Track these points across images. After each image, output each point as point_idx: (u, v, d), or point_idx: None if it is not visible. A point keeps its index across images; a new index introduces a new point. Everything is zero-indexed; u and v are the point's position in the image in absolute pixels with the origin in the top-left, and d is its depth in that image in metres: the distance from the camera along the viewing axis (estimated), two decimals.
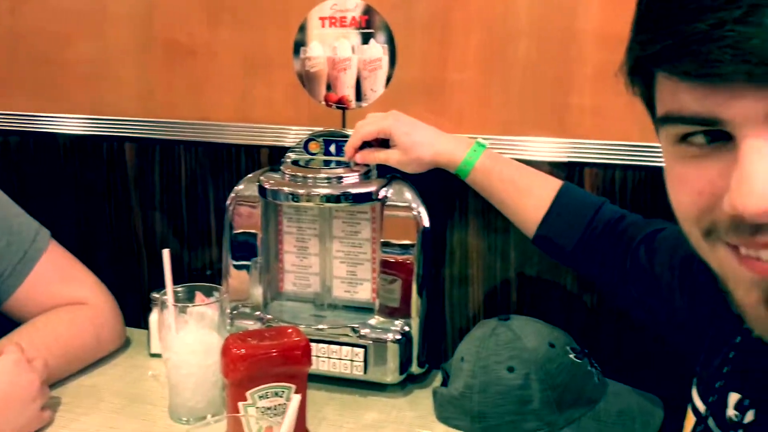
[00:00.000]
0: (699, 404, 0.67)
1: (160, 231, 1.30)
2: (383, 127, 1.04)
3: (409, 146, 1.02)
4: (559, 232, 0.97)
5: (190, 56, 1.23)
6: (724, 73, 0.43)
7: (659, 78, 0.50)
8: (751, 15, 0.42)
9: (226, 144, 1.23)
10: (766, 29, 0.42)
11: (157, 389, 1.10)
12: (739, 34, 0.42)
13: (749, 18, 0.42)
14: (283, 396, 0.85)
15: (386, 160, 1.05)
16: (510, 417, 0.97)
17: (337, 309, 1.14)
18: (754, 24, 0.42)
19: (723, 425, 0.61)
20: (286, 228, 1.15)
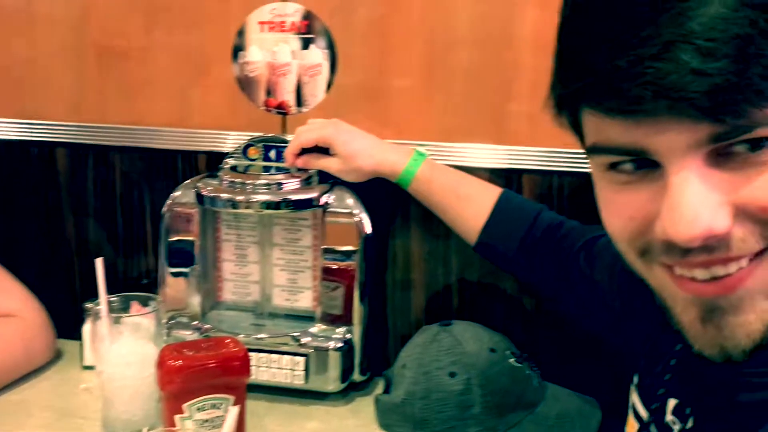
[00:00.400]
0: (641, 410, 0.68)
1: (94, 239, 1.26)
2: (323, 135, 1.03)
3: (349, 156, 1.02)
4: (499, 239, 0.98)
5: (125, 59, 1.20)
6: (646, 109, 0.45)
7: (584, 112, 0.51)
8: (667, 52, 0.43)
9: (163, 150, 1.20)
10: (683, 65, 0.43)
11: (90, 402, 1.06)
12: (657, 70, 0.44)
13: (664, 55, 0.43)
14: (221, 408, 0.83)
15: (326, 168, 1.04)
16: (452, 423, 0.97)
17: (278, 318, 1.12)
18: (670, 60, 0.43)
19: (660, 429, 0.63)
20: (225, 235, 1.13)
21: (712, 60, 0.43)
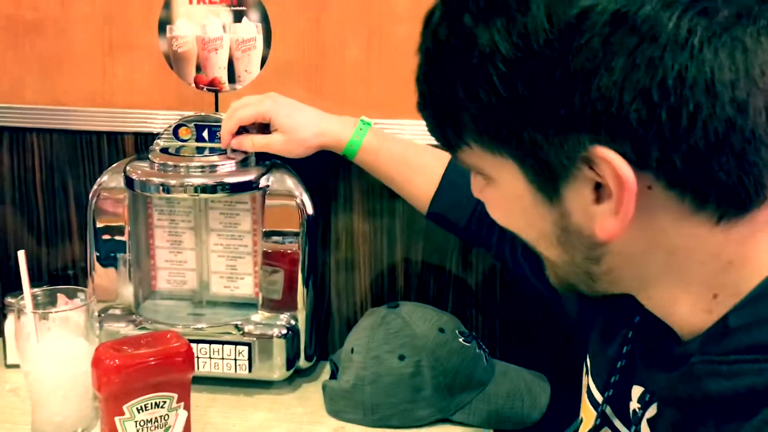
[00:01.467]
0: (596, 394, 0.68)
1: (13, 229, 1.18)
2: (261, 110, 0.98)
3: (291, 129, 0.97)
4: (450, 207, 0.96)
5: (37, 33, 1.11)
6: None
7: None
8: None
9: (86, 131, 1.13)
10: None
11: (17, 405, 0.99)
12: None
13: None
14: (165, 406, 0.79)
15: (267, 146, 0.99)
16: (403, 406, 0.96)
17: (217, 306, 1.08)
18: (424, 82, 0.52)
19: (622, 416, 0.62)
20: (157, 221, 1.07)
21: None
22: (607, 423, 0.64)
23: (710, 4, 0.43)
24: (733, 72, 0.44)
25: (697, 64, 0.44)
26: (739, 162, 0.46)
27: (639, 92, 0.44)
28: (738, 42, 0.44)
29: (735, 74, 0.44)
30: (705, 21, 0.43)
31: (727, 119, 0.45)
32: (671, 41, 0.43)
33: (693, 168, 0.46)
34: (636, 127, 0.45)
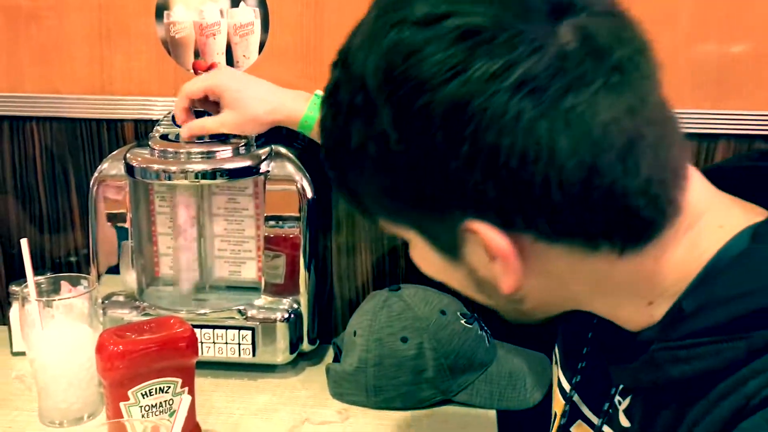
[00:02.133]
0: (565, 384, 0.69)
1: (15, 217, 1.18)
2: (210, 84, 0.95)
3: (241, 104, 0.94)
4: None
5: (34, 21, 1.11)
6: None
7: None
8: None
9: (86, 119, 1.13)
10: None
11: (23, 392, 1.00)
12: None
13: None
14: (169, 391, 0.79)
15: (220, 127, 0.96)
16: (406, 388, 0.96)
17: (220, 291, 1.08)
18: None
19: (591, 405, 0.63)
20: (159, 208, 1.07)
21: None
22: (577, 413, 0.65)
23: (537, 84, 0.44)
24: (572, 139, 0.45)
25: (533, 142, 0.45)
26: (610, 210, 0.48)
27: (488, 173, 0.46)
28: (571, 111, 0.44)
29: (574, 141, 0.45)
30: (533, 101, 0.44)
31: (581, 181, 0.46)
32: (504, 125, 0.45)
33: (564, 225, 0.48)
34: (495, 200, 0.47)
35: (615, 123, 0.45)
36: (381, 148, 0.48)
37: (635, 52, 0.47)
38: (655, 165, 0.47)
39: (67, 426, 0.92)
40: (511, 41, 0.44)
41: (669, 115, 0.50)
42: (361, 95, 0.48)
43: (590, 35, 0.45)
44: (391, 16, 0.47)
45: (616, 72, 0.45)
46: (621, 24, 0.48)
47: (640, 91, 0.46)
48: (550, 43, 0.44)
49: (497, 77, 0.44)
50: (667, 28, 1.03)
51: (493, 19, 0.44)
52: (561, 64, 0.44)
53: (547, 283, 0.54)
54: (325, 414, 0.96)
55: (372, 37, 0.48)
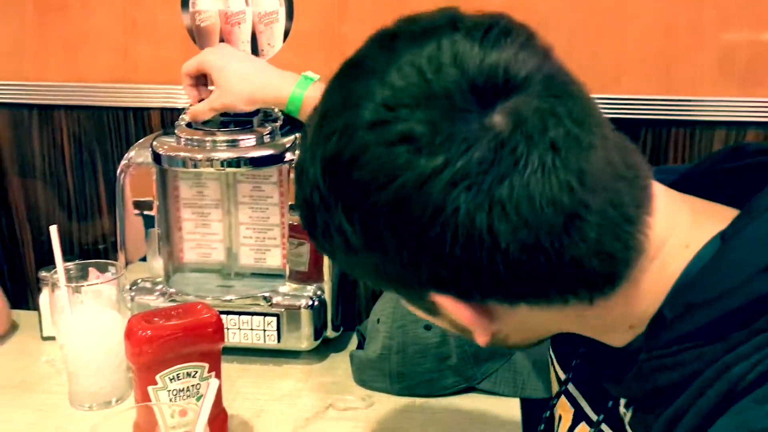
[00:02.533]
0: (559, 372, 0.71)
1: (44, 205, 1.20)
2: (199, 62, 0.97)
3: (225, 83, 0.95)
4: None
5: (61, 11, 1.12)
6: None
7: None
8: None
9: (112, 107, 1.14)
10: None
11: (53, 375, 1.02)
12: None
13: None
14: (196, 376, 0.80)
15: (209, 109, 0.98)
16: (429, 375, 0.97)
17: (245, 277, 1.09)
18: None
19: (590, 402, 0.65)
20: (185, 195, 1.08)
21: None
22: (581, 414, 0.66)
23: (471, 180, 0.46)
24: (510, 225, 0.47)
25: (474, 232, 0.47)
26: (564, 277, 0.49)
27: (437, 261, 0.49)
28: (507, 200, 0.46)
29: (512, 227, 0.47)
30: (469, 194, 0.46)
31: (526, 260, 0.48)
32: (445, 219, 0.47)
33: (521, 294, 0.51)
34: (449, 281, 0.50)
35: (551, 204, 0.47)
36: (342, 237, 0.51)
37: (573, 123, 0.47)
38: (605, 224, 0.48)
39: (96, 409, 0.94)
40: (446, 142, 0.46)
41: (618, 169, 0.49)
42: (317, 194, 0.51)
43: (522, 119, 0.47)
44: (335, 121, 0.50)
45: (550, 152, 0.47)
46: (556, 94, 0.48)
47: (579, 164, 0.47)
48: (482, 138, 0.46)
49: (434, 176, 0.46)
50: (694, 15, 1.02)
51: (429, 124, 0.46)
52: (493, 156, 0.46)
53: (525, 329, 0.57)
54: (349, 400, 0.96)
55: (319, 140, 0.51)
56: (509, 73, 0.47)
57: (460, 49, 0.48)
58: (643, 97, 1.04)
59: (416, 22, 0.51)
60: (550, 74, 0.49)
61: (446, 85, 0.47)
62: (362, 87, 0.49)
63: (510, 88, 0.47)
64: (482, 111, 0.47)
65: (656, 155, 1.06)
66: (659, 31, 1.03)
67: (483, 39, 0.48)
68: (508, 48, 0.48)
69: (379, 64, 0.49)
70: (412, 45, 0.49)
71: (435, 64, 0.48)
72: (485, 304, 0.52)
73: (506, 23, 0.50)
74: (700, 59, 1.02)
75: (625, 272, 0.51)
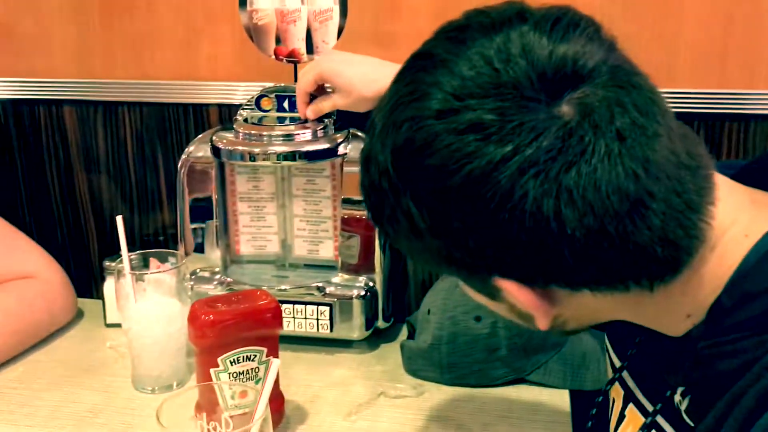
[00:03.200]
0: (615, 359, 0.72)
1: (108, 198, 1.25)
2: (318, 73, 0.99)
3: (346, 87, 0.97)
4: None
5: (128, 12, 1.17)
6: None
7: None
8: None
9: (173, 104, 1.18)
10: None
11: (117, 360, 1.07)
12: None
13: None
14: (255, 360, 0.84)
15: (335, 107, 1.01)
16: (479, 366, 0.98)
17: (299, 268, 1.12)
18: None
19: (645, 391, 0.66)
20: (242, 188, 1.12)
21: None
22: (630, 396, 0.67)
23: (540, 167, 0.48)
24: (577, 212, 0.48)
25: (541, 218, 0.48)
26: (627, 265, 0.50)
27: (504, 246, 0.50)
28: (574, 187, 0.48)
29: (579, 214, 0.48)
30: (537, 181, 0.48)
31: (592, 245, 0.49)
32: (513, 205, 0.49)
33: (585, 280, 0.52)
34: (514, 266, 0.52)
35: (617, 191, 0.48)
36: (409, 222, 0.53)
37: (638, 113, 0.49)
38: (670, 212, 0.50)
39: (158, 392, 0.98)
40: (515, 131, 0.48)
41: (682, 159, 0.51)
42: (386, 180, 0.53)
43: (589, 109, 0.48)
44: (405, 111, 0.51)
45: (616, 140, 0.48)
46: (622, 85, 0.49)
47: (645, 153, 0.48)
48: (550, 126, 0.48)
49: (503, 163, 0.48)
50: (750, 6, 1.01)
51: (499, 113, 0.48)
52: (561, 144, 0.47)
53: (584, 314, 0.58)
54: (400, 388, 0.98)
55: (389, 128, 0.52)
56: (577, 64, 0.49)
57: (529, 40, 0.49)
58: (697, 90, 1.04)
59: (485, 14, 0.53)
60: (616, 65, 0.50)
61: (515, 76, 0.49)
62: (431, 77, 0.50)
63: (578, 79, 0.49)
64: (550, 101, 0.48)
65: (710, 149, 1.05)
66: (715, 24, 1.02)
67: (551, 31, 0.50)
68: (576, 40, 0.50)
69: (448, 55, 0.51)
70: (482, 36, 0.51)
71: (504, 55, 0.49)
72: (548, 290, 0.54)
73: (573, 16, 0.51)
74: (755, 52, 1.02)
75: (687, 260, 0.52)
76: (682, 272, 0.52)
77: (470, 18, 0.53)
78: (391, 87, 0.55)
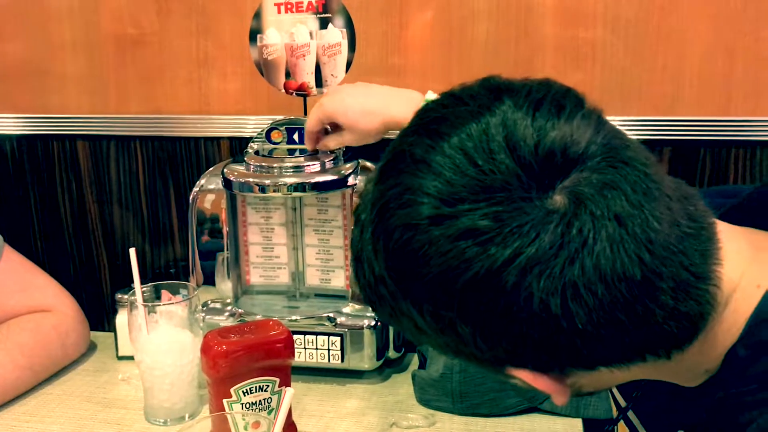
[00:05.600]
0: (619, 398, 0.71)
1: (120, 230, 1.26)
2: (324, 112, 1.00)
3: (351, 125, 0.98)
4: None
5: (140, 48, 1.19)
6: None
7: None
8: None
9: (184, 137, 1.20)
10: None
11: (129, 393, 1.07)
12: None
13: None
14: (268, 390, 0.84)
15: (342, 143, 1.02)
16: (492, 394, 0.98)
17: (310, 298, 1.13)
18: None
19: (648, 425, 0.66)
20: (253, 220, 1.13)
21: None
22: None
23: (542, 266, 0.46)
24: (585, 307, 0.47)
25: (549, 316, 0.47)
26: (641, 345, 0.50)
27: (513, 343, 0.49)
28: (578, 281, 0.46)
29: (588, 308, 0.47)
30: (541, 280, 0.46)
31: (606, 337, 0.48)
32: (520, 306, 0.47)
33: (600, 362, 0.51)
34: (526, 359, 0.51)
35: (624, 279, 0.46)
36: (411, 322, 0.52)
37: (634, 193, 0.47)
38: (679, 288, 0.48)
39: (170, 424, 0.98)
40: (514, 233, 0.46)
41: (683, 227, 0.49)
42: (383, 286, 0.52)
43: (584, 197, 0.46)
44: (395, 217, 0.49)
45: (616, 227, 0.46)
46: (614, 164, 0.47)
47: (647, 234, 0.47)
48: (548, 222, 0.46)
49: (505, 266, 0.46)
50: (752, 36, 1.03)
51: (493, 218, 0.46)
52: (562, 239, 0.46)
53: (601, 382, 0.58)
54: (412, 418, 0.98)
55: (380, 235, 0.51)
56: (567, 151, 0.47)
57: (511, 128, 0.47)
58: (703, 118, 1.05)
59: (460, 100, 0.50)
60: (606, 143, 0.48)
61: (502, 177, 0.47)
62: (415, 180, 0.48)
63: (568, 165, 0.47)
64: (542, 194, 0.47)
65: (716, 176, 1.07)
66: (718, 54, 1.04)
67: (534, 117, 0.48)
68: (563, 124, 0.47)
69: (428, 155, 0.49)
70: (459, 128, 0.48)
71: (486, 148, 0.47)
72: (564, 374, 0.53)
73: (555, 93, 0.49)
74: (759, 81, 1.03)
75: (702, 326, 0.51)
76: (697, 337, 0.52)
77: (446, 106, 0.51)
78: (374, 187, 0.52)
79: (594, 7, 1.04)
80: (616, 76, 1.06)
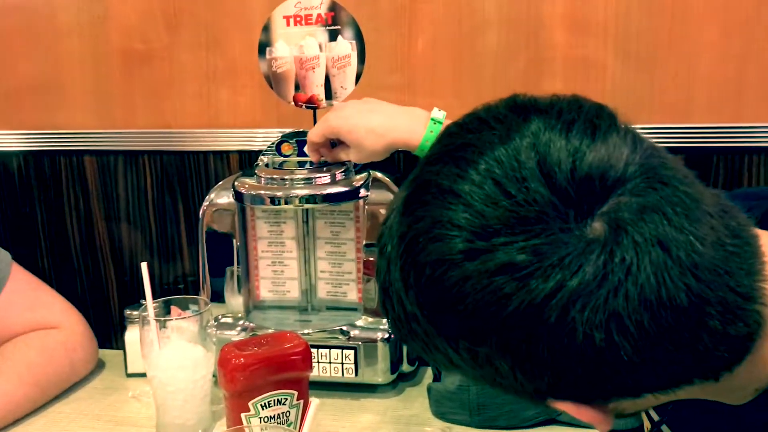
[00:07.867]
0: (652, 412, 0.70)
1: (128, 246, 1.25)
2: (327, 129, 0.99)
3: (356, 143, 0.98)
4: None
5: (148, 63, 1.19)
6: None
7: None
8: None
9: (193, 152, 1.20)
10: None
11: (140, 410, 1.05)
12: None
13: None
14: (286, 403, 0.82)
15: (345, 159, 1.02)
16: (509, 406, 0.97)
17: (322, 311, 1.11)
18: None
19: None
20: (263, 233, 1.12)
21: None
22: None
23: (585, 300, 0.44)
24: (632, 341, 0.45)
25: (594, 352, 0.45)
26: (690, 370, 0.49)
27: (556, 378, 0.48)
28: (623, 311, 0.44)
29: (634, 342, 0.45)
30: (585, 313, 0.44)
31: (652, 364, 0.46)
32: (566, 344, 0.45)
33: (647, 389, 0.50)
34: (568, 391, 0.49)
35: (670, 308, 0.44)
36: (445, 357, 0.50)
37: (675, 215, 0.45)
38: (727, 311, 0.46)
39: None
40: (555, 267, 0.44)
41: (727, 246, 0.47)
42: (415, 323, 0.50)
43: (624, 223, 0.44)
44: (425, 252, 0.47)
45: (659, 251, 0.44)
46: (653, 186, 0.45)
47: (692, 259, 0.44)
48: (589, 253, 0.44)
49: (547, 301, 0.44)
50: (765, 42, 1.03)
51: (531, 251, 0.44)
52: (604, 269, 0.44)
53: (644, 405, 0.56)
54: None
55: (410, 270, 0.48)
56: (605, 175, 0.44)
57: (543, 153, 0.45)
58: (715, 125, 1.05)
59: (486, 123, 0.48)
60: (643, 163, 0.46)
61: (538, 207, 0.44)
62: (444, 213, 0.46)
63: (606, 191, 0.45)
64: (580, 221, 0.44)
65: (729, 183, 1.06)
66: (730, 60, 1.04)
67: (568, 137, 0.45)
68: (599, 146, 0.45)
69: (456, 185, 0.46)
70: (487, 153, 0.46)
71: (518, 178, 0.45)
72: (608, 404, 0.51)
73: (588, 112, 0.47)
74: None
75: (751, 346, 0.50)
76: (747, 357, 0.50)
77: (471, 131, 0.48)
78: (400, 218, 0.49)
79: (605, 15, 1.04)
80: (627, 84, 1.06)
